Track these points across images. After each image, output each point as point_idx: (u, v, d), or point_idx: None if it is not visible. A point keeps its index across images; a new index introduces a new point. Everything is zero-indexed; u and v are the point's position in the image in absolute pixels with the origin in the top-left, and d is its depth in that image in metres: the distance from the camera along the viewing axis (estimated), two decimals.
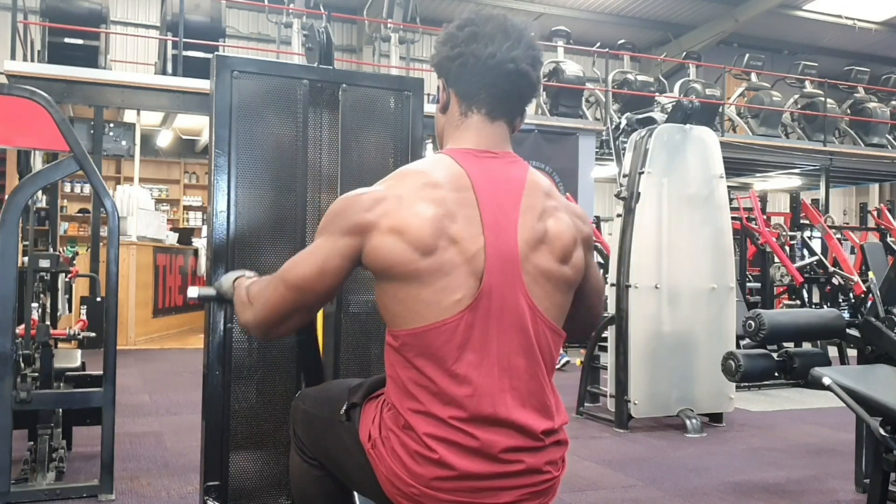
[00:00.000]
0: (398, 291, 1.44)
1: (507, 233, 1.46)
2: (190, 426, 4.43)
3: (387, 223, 1.43)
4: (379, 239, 1.43)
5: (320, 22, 9.39)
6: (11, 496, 3.04)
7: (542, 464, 1.48)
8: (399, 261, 1.42)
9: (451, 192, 1.46)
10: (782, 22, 15.05)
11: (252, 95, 2.45)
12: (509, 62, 1.51)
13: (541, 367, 1.50)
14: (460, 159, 1.51)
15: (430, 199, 1.45)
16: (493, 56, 1.50)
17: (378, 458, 1.50)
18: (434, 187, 1.46)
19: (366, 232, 1.44)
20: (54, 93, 6.10)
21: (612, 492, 3.59)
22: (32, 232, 8.30)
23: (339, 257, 1.47)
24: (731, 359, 3.16)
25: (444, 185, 1.47)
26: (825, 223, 9.24)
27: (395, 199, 1.45)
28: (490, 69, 1.51)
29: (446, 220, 1.43)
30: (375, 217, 1.44)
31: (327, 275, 1.48)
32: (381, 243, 1.43)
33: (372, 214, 1.44)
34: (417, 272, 1.42)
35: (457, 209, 1.45)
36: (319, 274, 1.48)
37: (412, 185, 1.47)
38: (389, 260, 1.43)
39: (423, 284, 1.42)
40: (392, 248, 1.42)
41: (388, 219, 1.43)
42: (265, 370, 2.52)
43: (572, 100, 11.03)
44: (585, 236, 1.59)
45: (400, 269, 1.42)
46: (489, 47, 1.50)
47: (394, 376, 1.49)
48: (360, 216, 1.45)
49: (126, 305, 8.11)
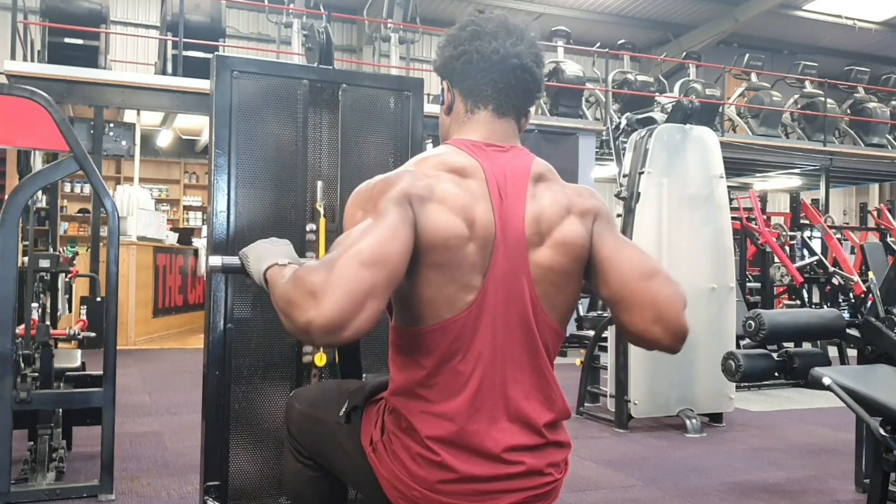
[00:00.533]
0: (433, 280, 1.39)
1: (515, 228, 1.45)
2: (190, 426, 4.43)
3: (432, 193, 1.40)
4: (434, 209, 1.38)
5: (320, 22, 9.39)
6: (11, 496, 3.04)
7: (543, 465, 1.48)
8: (453, 234, 1.38)
9: (466, 179, 1.45)
10: (782, 22, 15.05)
11: (252, 95, 2.46)
12: (513, 57, 1.50)
13: (544, 359, 1.49)
14: (470, 150, 1.50)
15: (453, 182, 1.43)
16: (497, 52, 1.49)
17: (380, 461, 1.49)
18: (456, 172, 1.45)
19: (416, 200, 1.37)
20: (54, 93, 6.09)
21: (612, 492, 3.59)
22: (32, 232, 8.29)
23: (404, 226, 1.34)
24: (731, 359, 3.16)
25: (464, 173, 1.45)
26: (825, 223, 9.24)
27: (425, 177, 1.43)
28: (495, 64, 1.50)
29: (473, 206, 1.42)
30: (421, 188, 1.39)
31: (398, 242, 1.31)
32: (437, 213, 1.38)
33: (416, 187, 1.39)
34: (465, 253, 1.39)
35: (478, 199, 1.44)
36: (391, 241, 1.30)
37: (435, 169, 1.45)
38: (445, 232, 1.38)
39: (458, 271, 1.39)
40: (447, 219, 1.38)
41: (431, 191, 1.40)
42: (265, 370, 2.52)
43: (572, 100, 11.03)
44: (583, 209, 1.51)
45: (452, 243, 1.38)
46: (493, 43, 1.50)
47: (398, 376, 1.48)
48: (405, 188, 1.38)
49: (126, 305, 8.11)
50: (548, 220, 1.48)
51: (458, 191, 1.42)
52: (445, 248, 1.38)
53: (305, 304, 1.24)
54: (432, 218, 1.37)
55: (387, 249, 1.29)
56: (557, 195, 1.51)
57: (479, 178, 1.45)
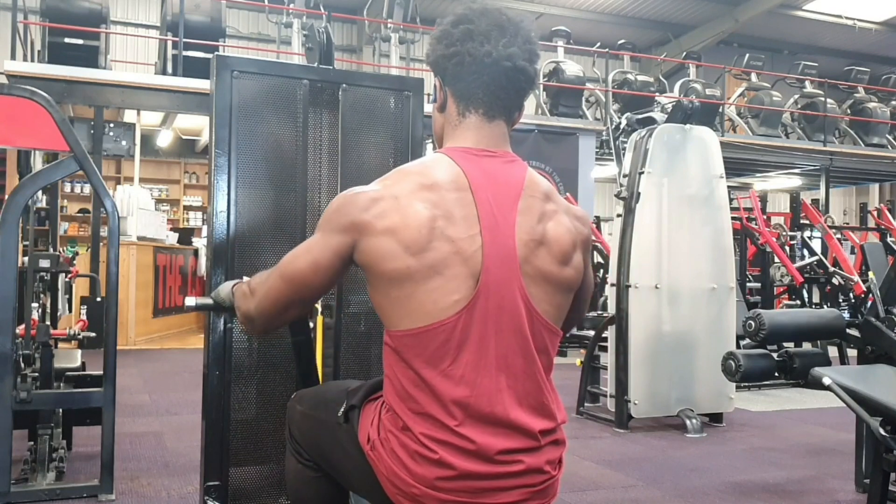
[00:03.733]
0: (391, 290, 1.44)
1: (504, 233, 1.46)
2: (190, 426, 4.43)
3: (382, 224, 1.44)
4: (373, 239, 1.44)
5: (320, 22, 9.39)
6: (11, 496, 3.04)
7: (542, 463, 1.48)
8: (390, 260, 1.42)
9: (448, 192, 1.46)
10: (782, 22, 15.05)
11: (252, 95, 2.45)
12: (506, 60, 1.49)
13: (538, 366, 1.49)
14: (458, 159, 1.51)
15: (427, 200, 1.45)
16: (489, 55, 1.49)
17: (378, 459, 1.49)
18: (431, 188, 1.46)
19: (360, 231, 1.45)
20: (54, 93, 6.10)
21: (612, 492, 3.59)
22: (32, 232, 8.31)
23: (332, 254, 1.48)
24: (731, 359, 3.16)
25: (442, 186, 1.46)
26: (825, 223, 9.24)
27: (392, 199, 1.45)
28: (487, 67, 1.50)
29: (442, 220, 1.43)
30: (370, 217, 1.44)
31: (321, 271, 1.50)
32: (375, 243, 1.44)
33: (368, 214, 1.45)
34: (409, 271, 1.42)
35: (454, 209, 1.45)
36: (313, 270, 1.50)
37: (410, 186, 1.47)
38: (381, 259, 1.43)
39: (417, 284, 1.42)
40: (385, 247, 1.43)
41: (383, 220, 1.44)
42: (265, 370, 2.52)
43: (572, 100, 11.03)
44: (584, 238, 1.59)
45: (391, 267, 1.42)
46: (485, 45, 1.49)
47: (391, 377, 1.49)
48: (355, 215, 1.46)
49: (126, 305, 8.11)
50: (556, 241, 1.51)
51: (423, 209, 1.43)
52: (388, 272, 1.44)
53: (245, 301, 1.64)
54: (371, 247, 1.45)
55: (308, 275, 1.51)
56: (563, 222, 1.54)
57: (461, 187, 1.47)
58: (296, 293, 1.54)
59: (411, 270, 1.42)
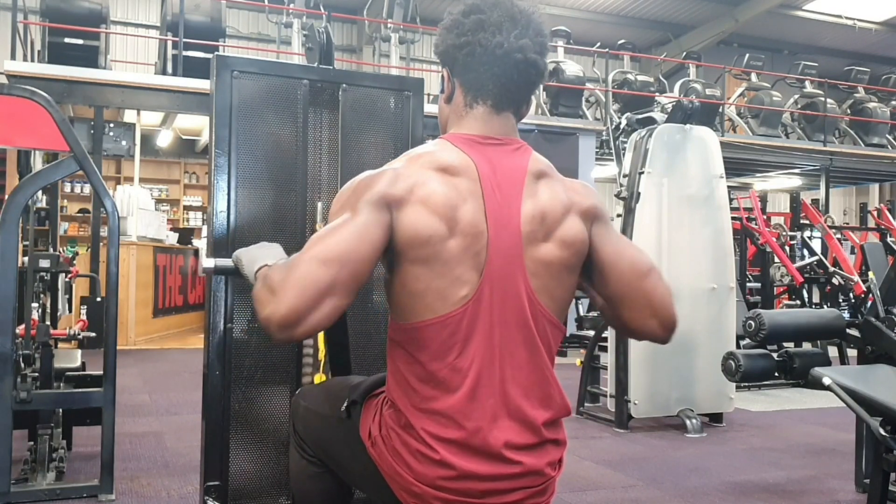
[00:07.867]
0: (420, 275, 1.40)
1: (509, 225, 1.45)
2: (190, 426, 4.43)
3: (416, 195, 1.40)
4: (411, 210, 1.39)
5: (320, 22, 9.40)
6: (11, 496, 3.04)
7: (543, 465, 1.48)
8: (433, 233, 1.39)
9: (459, 178, 1.44)
10: (782, 22, 15.05)
11: (252, 95, 2.45)
12: (517, 52, 1.47)
13: (542, 357, 1.49)
14: (464, 147, 1.48)
15: (444, 182, 1.43)
16: (500, 46, 1.46)
17: (379, 456, 1.50)
18: (445, 171, 1.44)
19: (395, 205, 1.39)
20: (54, 93, 6.09)
21: (612, 492, 3.59)
22: (32, 232, 8.31)
23: (376, 226, 1.37)
24: (731, 359, 3.16)
25: (453, 171, 1.44)
26: (825, 223, 9.24)
27: (411, 176, 1.43)
28: (498, 59, 1.47)
29: (459, 205, 1.42)
30: (401, 191, 1.40)
31: (365, 243, 1.36)
32: (415, 215, 1.39)
33: (397, 189, 1.40)
34: (447, 250, 1.39)
35: (466, 197, 1.43)
36: (358, 241, 1.35)
37: (425, 167, 1.44)
38: (423, 232, 1.39)
39: (445, 266, 1.39)
40: (426, 220, 1.39)
41: (415, 192, 1.40)
42: (265, 370, 2.51)
43: (572, 100, 11.02)
44: (584, 208, 1.52)
45: (433, 242, 1.39)
46: (497, 36, 1.46)
47: (395, 372, 1.49)
48: (386, 190, 1.40)
49: (126, 305, 8.12)
50: (547, 216, 1.47)
51: (444, 190, 1.41)
52: (425, 246, 1.39)
53: (266, 300, 1.33)
54: (410, 218, 1.39)
55: (350, 248, 1.34)
56: (557, 192, 1.51)
57: (470, 176, 1.45)
58: (336, 277, 1.32)
59: (449, 249, 1.39)
